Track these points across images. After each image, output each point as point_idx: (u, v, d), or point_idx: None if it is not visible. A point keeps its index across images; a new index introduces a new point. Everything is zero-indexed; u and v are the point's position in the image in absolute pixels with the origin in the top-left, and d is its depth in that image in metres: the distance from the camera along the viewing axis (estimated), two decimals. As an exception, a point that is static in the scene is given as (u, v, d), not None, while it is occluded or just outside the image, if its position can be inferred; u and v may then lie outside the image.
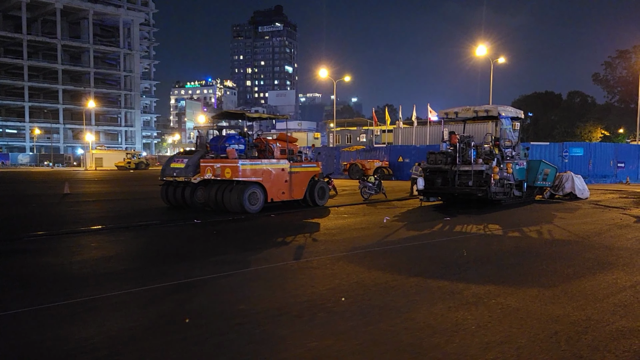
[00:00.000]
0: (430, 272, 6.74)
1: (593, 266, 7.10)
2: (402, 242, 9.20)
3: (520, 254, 8.14)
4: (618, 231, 10.48)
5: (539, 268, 7.02)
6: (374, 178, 18.51)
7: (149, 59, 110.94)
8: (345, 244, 9.01)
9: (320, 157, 39.45)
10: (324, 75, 41.27)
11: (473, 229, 10.92)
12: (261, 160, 14.06)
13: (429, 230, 10.68)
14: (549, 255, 7.94)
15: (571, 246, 8.80)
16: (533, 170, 17.16)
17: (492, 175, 15.02)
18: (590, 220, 12.20)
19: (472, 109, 16.39)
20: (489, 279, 6.37)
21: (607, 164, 29.83)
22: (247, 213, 13.41)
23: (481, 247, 8.79)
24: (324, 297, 5.52)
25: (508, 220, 12.42)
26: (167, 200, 15.35)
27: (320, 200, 15.70)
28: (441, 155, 16.19)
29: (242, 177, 13.48)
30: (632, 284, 6.08)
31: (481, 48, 34.69)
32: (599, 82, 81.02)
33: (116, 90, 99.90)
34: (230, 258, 7.80)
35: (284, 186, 14.52)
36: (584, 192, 18.16)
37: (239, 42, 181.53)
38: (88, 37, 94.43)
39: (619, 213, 13.74)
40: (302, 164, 15.19)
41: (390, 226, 11.29)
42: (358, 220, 12.45)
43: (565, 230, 10.66)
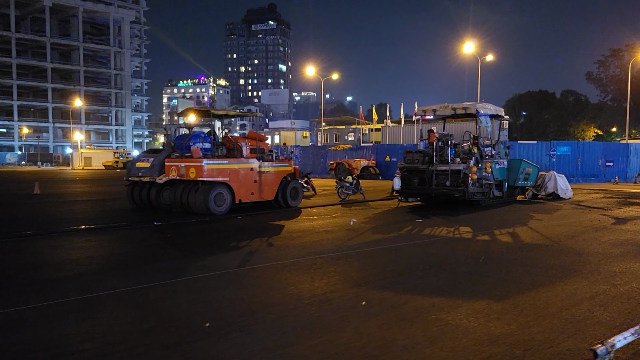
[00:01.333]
0: (379, 281, 6.20)
1: (556, 274, 6.57)
2: (362, 246, 8.65)
3: (485, 260, 7.61)
4: (593, 234, 9.97)
5: (497, 276, 6.49)
6: (351, 178, 17.97)
7: (140, 57, 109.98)
8: (302, 248, 8.47)
9: (307, 156, 38.98)
10: (311, 73, 40.70)
11: (442, 231, 10.39)
12: (228, 160, 13.49)
13: (396, 234, 10.15)
14: (511, 262, 7.42)
15: (539, 251, 8.28)
16: (514, 169, 16.66)
17: (469, 174, 14.51)
18: (566, 222, 11.70)
19: (450, 107, 15.87)
20: (439, 289, 5.84)
21: (595, 163, 29.42)
22: (212, 215, 12.86)
23: (444, 252, 8.26)
24: (248, 312, 4.97)
25: (482, 222, 11.90)
26: (133, 202, 14.77)
27: (293, 201, 15.15)
28: (418, 154, 15.68)
29: (207, 177, 12.92)
30: (592, 295, 5.55)
31: (469, 45, 34.17)
32: (592, 81, 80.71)
33: (106, 88, 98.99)
34: (170, 265, 7.24)
35: (253, 186, 13.95)
36: (567, 192, 17.68)
37: (232, 41, 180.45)
38: (78, 35, 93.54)
39: (599, 214, 13.25)
40: (273, 163, 14.61)
41: (357, 229, 10.75)
42: (326, 222, 11.90)
43: (538, 233, 10.15)
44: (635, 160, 30.25)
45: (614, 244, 8.80)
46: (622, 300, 5.35)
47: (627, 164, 30.12)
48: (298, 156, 39.31)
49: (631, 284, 6.04)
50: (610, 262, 7.34)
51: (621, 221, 11.87)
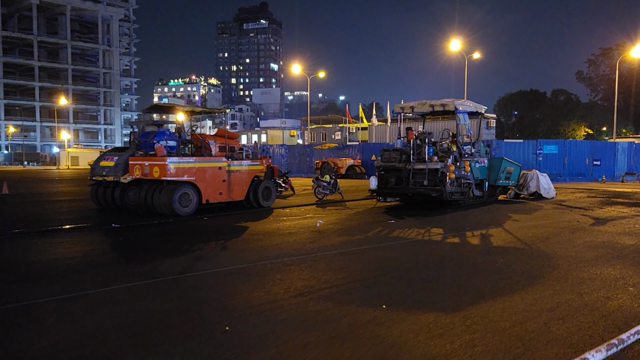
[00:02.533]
0: (324, 289, 5.66)
1: (520, 281, 6.06)
2: (321, 250, 8.11)
3: (445, 264, 7.10)
4: (569, 236, 9.48)
5: (455, 283, 5.98)
6: (329, 177, 17.42)
7: (130, 55, 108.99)
8: (257, 253, 7.92)
9: (294, 156, 38.45)
10: (297, 71, 40.10)
11: (412, 233, 9.87)
12: (194, 158, 12.91)
13: (362, 236, 9.61)
14: (475, 267, 6.90)
15: (507, 255, 7.77)
16: (495, 168, 16.16)
17: (447, 173, 14.01)
18: (544, 223, 11.21)
19: (428, 103, 15.37)
20: (387, 298, 5.31)
21: (582, 162, 29.04)
22: (178, 216, 12.29)
23: (406, 256, 7.73)
24: (162, 328, 4.42)
25: (456, 223, 11.39)
26: (97, 202, 14.18)
27: (265, 201, 14.59)
28: (395, 152, 15.16)
29: (171, 177, 12.34)
30: (553, 306, 5.04)
31: (455, 43, 33.70)
32: (582, 80, 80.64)
33: (95, 87, 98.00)
34: (106, 272, 6.68)
35: (221, 186, 13.38)
36: (549, 192, 17.22)
37: (224, 40, 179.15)
38: (66, 33, 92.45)
39: (579, 214, 12.78)
40: (243, 162, 14.04)
41: (324, 231, 10.21)
42: (294, 223, 11.36)
43: (512, 234, 9.65)
44: (622, 159, 29.91)
45: (589, 247, 8.31)
46: (585, 312, 4.83)
47: (615, 163, 29.77)
48: (284, 155, 38.78)
49: (598, 293, 5.54)
50: (580, 267, 6.84)
51: (600, 222, 11.40)
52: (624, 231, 10.00)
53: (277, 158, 38.62)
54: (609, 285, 5.88)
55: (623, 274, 6.42)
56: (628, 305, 5.05)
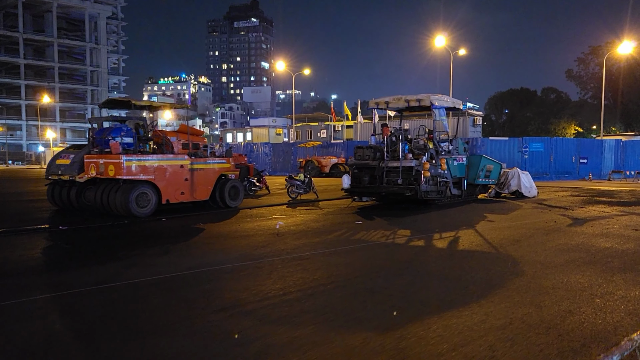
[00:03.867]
0: (251, 304, 4.99)
1: (476, 291, 5.41)
2: (270, 255, 7.43)
3: (400, 272, 6.45)
4: (542, 238, 8.85)
5: (403, 295, 5.32)
6: (303, 176, 16.73)
7: (118, 53, 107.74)
8: (199, 258, 7.25)
9: (278, 154, 37.77)
10: (281, 68, 39.35)
11: (376, 236, 9.20)
12: (152, 156, 12.19)
13: (321, 239, 8.93)
14: (432, 274, 6.25)
15: (471, 260, 7.12)
16: (473, 166, 15.55)
17: (422, 171, 13.37)
18: (519, 224, 10.58)
19: (403, 99, 14.73)
20: (319, 314, 4.64)
21: (569, 160, 28.55)
22: (135, 217, 11.58)
23: (360, 262, 7.07)
24: (36, 354, 3.73)
25: (427, 224, 10.75)
26: (53, 202, 13.43)
27: (232, 201, 13.89)
28: (369, 150, 14.53)
29: (127, 175, 11.62)
30: (505, 323, 4.39)
31: (440, 39, 33.09)
32: (572, 79, 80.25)
33: (82, 85, 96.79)
34: (23, 282, 5.97)
35: (183, 185, 12.66)
36: (531, 190, 16.63)
37: (214, 38, 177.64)
38: (52, 30, 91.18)
39: (558, 214, 12.17)
40: (207, 160, 13.33)
41: (282, 233, 9.54)
42: (255, 225, 10.67)
43: (482, 236, 9.01)
44: (609, 157, 29.43)
45: (561, 250, 7.68)
46: (539, 331, 4.19)
47: (602, 160, 29.29)
48: (268, 154, 38.10)
49: (560, 305, 4.90)
50: (547, 274, 6.20)
51: (578, 222, 10.79)
52: (601, 232, 9.39)
53: (261, 156, 37.95)
54: (574, 296, 5.24)
55: (592, 282, 5.78)
56: (590, 322, 4.41)
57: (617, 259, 7.06)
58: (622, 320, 4.45)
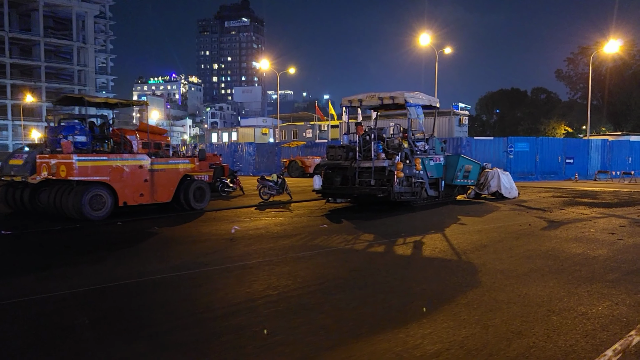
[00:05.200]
0: (161, 324, 4.37)
1: (421, 307, 4.83)
2: (212, 264, 6.82)
3: (346, 283, 5.85)
4: (511, 243, 8.29)
5: (337, 313, 4.73)
6: (276, 176, 16.10)
7: (106, 53, 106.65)
8: (134, 267, 6.64)
9: (262, 154, 37.13)
10: (265, 67, 38.68)
11: (336, 241, 8.60)
12: (107, 156, 11.53)
13: (276, 245, 8.32)
14: (380, 286, 5.66)
15: (429, 268, 6.55)
16: (451, 166, 14.98)
17: (395, 172, 12.78)
18: (491, 227, 10.01)
19: (377, 96, 14.14)
20: (230, 340, 4.04)
21: (555, 160, 28.07)
22: (89, 220, 10.92)
23: (307, 272, 6.46)
24: None
25: (395, 228, 10.15)
26: (7, 204, 12.75)
27: (197, 203, 13.24)
28: (341, 149, 13.93)
29: (79, 176, 10.95)
30: (439, 349, 3.79)
31: (425, 37, 32.56)
32: (561, 79, 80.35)
33: (69, 85, 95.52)
34: None
35: (142, 187, 12.00)
36: (511, 191, 16.09)
37: (205, 37, 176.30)
38: (39, 29, 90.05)
39: (535, 216, 11.62)
40: (169, 160, 12.68)
41: (237, 238, 8.93)
42: (213, 229, 10.05)
43: (448, 241, 8.43)
44: (596, 157, 29.00)
45: (528, 257, 7.11)
46: (480, 359, 3.60)
47: (588, 160, 28.84)
48: (252, 154, 37.42)
49: (510, 324, 4.31)
50: (505, 285, 5.63)
51: (554, 225, 10.24)
52: (575, 236, 8.84)
53: (245, 157, 37.28)
54: (529, 312, 4.66)
55: (553, 295, 5.21)
56: (539, 347, 3.83)
57: (585, 267, 6.50)
58: (576, 344, 3.87)
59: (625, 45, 55.46)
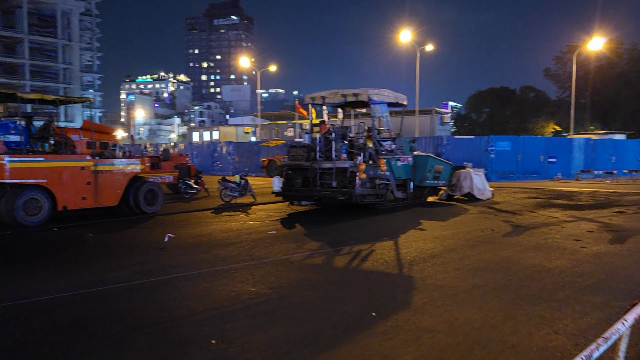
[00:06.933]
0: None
1: (328, 338, 4.10)
2: (123, 280, 6.07)
3: (251, 306, 5.11)
4: (465, 251, 7.58)
5: (217, 349, 3.99)
6: (239, 177, 15.35)
7: (92, 51, 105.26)
8: (35, 283, 5.88)
9: (242, 153, 36.32)
10: (246, 65, 37.92)
11: (275, 251, 7.86)
12: (44, 156, 10.72)
13: (209, 255, 7.57)
14: (291, 309, 4.93)
15: (361, 284, 5.82)
16: (420, 167, 14.27)
17: (357, 173, 12.06)
18: (450, 233, 9.30)
19: (340, 93, 13.43)
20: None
21: (537, 159, 27.44)
22: (23, 226, 10.12)
23: (220, 290, 5.71)
24: None
25: (346, 235, 9.40)
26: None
27: (148, 207, 12.46)
28: (302, 149, 13.19)
29: (11, 179, 10.14)
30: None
31: (405, 34, 31.85)
32: (550, 77, 79.85)
33: (54, 83, 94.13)
34: None
35: (84, 190, 11.19)
36: (484, 192, 15.42)
37: (194, 36, 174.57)
38: (23, 26, 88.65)
39: (501, 220, 10.93)
40: (115, 160, 11.88)
41: (172, 246, 8.19)
42: (150, 236, 9.29)
43: (397, 251, 7.72)
44: (579, 156, 28.41)
45: (476, 270, 6.41)
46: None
47: (571, 160, 28.25)
48: (231, 153, 36.59)
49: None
50: (438, 305, 4.92)
51: (518, 230, 9.55)
52: (536, 244, 8.15)
53: (224, 156, 36.46)
54: (451, 343, 3.95)
55: (486, 320, 4.50)
56: (441, 396, 3.11)
57: (536, 283, 5.80)
58: (488, 392, 3.16)
59: (612, 44, 55.12)
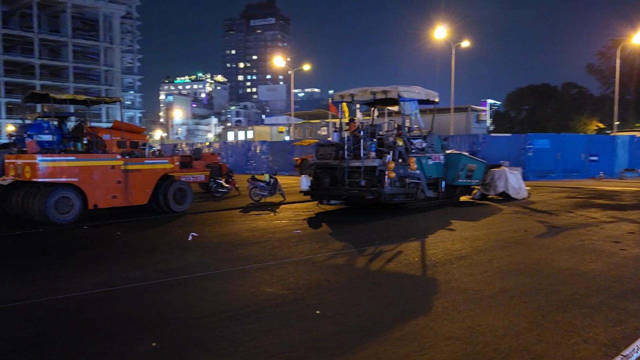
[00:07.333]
0: None
1: (345, 339, 3.93)
2: (138, 279, 6.06)
3: (272, 308, 4.99)
4: (495, 253, 7.27)
5: (228, 347, 3.88)
6: (268, 176, 15.31)
7: (133, 53, 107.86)
8: (48, 283, 5.94)
9: (275, 152, 36.45)
10: (281, 65, 38.00)
11: (298, 251, 7.73)
12: (75, 156, 10.91)
13: (231, 255, 7.52)
14: (307, 312, 4.78)
15: (382, 288, 5.64)
16: (452, 165, 13.88)
17: (386, 172, 11.82)
18: (481, 234, 8.97)
19: (369, 91, 13.19)
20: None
21: (577, 158, 26.44)
22: (54, 224, 10.32)
23: (236, 290, 5.62)
24: None
25: (373, 235, 9.18)
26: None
27: (178, 205, 12.53)
28: (331, 147, 13.05)
29: (44, 177, 10.36)
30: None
31: (440, 30, 31.26)
32: (593, 73, 77.09)
33: (96, 85, 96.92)
34: None
35: (115, 188, 11.33)
36: (519, 192, 14.89)
37: (231, 37, 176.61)
38: (67, 31, 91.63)
39: (536, 221, 10.50)
40: (145, 160, 11.99)
41: (195, 246, 8.18)
42: (176, 235, 9.32)
43: (423, 252, 7.48)
44: (622, 154, 27.24)
45: (505, 273, 6.11)
46: None
47: (614, 158, 27.10)
48: (265, 152, 36.76)
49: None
50: (461, 310, 4.68)
51: (553, 231, 9.13)
52: (572, 246, 7.76)
53: (258, 155, 36.66)
54: (469, 353, 3.74)
55: (510, 328, 4.24)
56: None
57: (568, 287, 5.48)
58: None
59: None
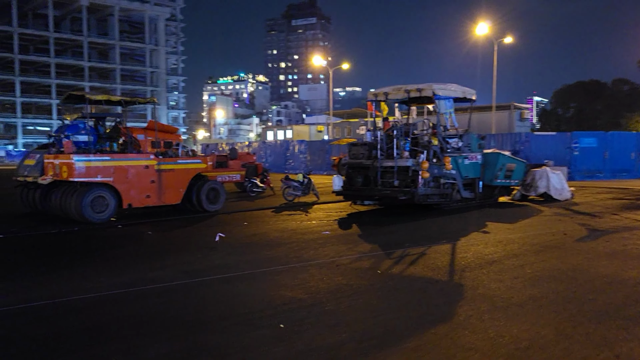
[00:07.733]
0: None
1: (357, 348, 3.78)
2: (161, 280, 6.06)
3: (284, 314, 4.87)
4: (528, 258, 6.93)
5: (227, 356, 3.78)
6: (302, 176, 15.23)
7: (177, 54, 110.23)
8: (76, 282, 6.01)
9: (313, 152, 36.43)
10: (320, 63, 37.99)
11: (325, 252, 7.60)
12: (110, 156, 11.11)
13: (257, 256, 7.45)
14: (323, 317, 4.64)
15: (403, 293, 5.43)
16: (490, 165, 13.44)
17: (420, 172, 11.53)
18: (517, 237, 8.59)
19: (403, 89, 12.92)
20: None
21: (627, 157, 25.26)
22: (90, 223, 10.55)
23: (257, 293, 5.53)
24: None
25: (404, 237, 8.96)
26: (24, 204, 12.70)
27: (210, 205, 12.61)
28: (363, 147, 12.86)
29: (79, 177, 10.59)
30: None
31: (482, 27, 30.46)
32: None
33: (142, 86, 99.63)
34: None
35: (149, 188, 11.49)
36: (562, 193, 14.29)
37: (273, 37, 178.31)
38: (115, 33, 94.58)
39: (577, 223, 10.00)
40: (178, 159, 12.11)
41: (223, 246, 8.17)
42: (206, 235, 9.34)
43: (451, 256, 7.20)
44: (676, 153, 25.85)
45: (537, 279, 5.79)
46: None
47: (667, 157, 25.75)
48: (304, 152, 36.77)
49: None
50: (485, 319, 4.43)
51: (594, 235, 8.66)
52: (613, 251, 7.32)
53: (296, 155, 36.71)
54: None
55: (536, 340, 3.98)
56: None
57: (604, 296, 5.14)
58: None
59: None
